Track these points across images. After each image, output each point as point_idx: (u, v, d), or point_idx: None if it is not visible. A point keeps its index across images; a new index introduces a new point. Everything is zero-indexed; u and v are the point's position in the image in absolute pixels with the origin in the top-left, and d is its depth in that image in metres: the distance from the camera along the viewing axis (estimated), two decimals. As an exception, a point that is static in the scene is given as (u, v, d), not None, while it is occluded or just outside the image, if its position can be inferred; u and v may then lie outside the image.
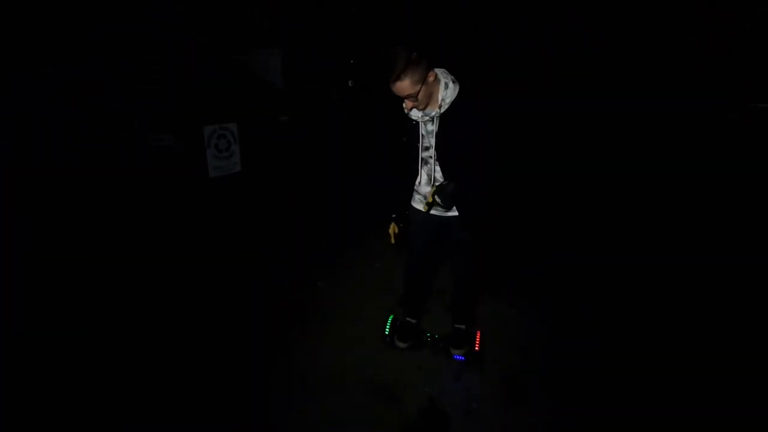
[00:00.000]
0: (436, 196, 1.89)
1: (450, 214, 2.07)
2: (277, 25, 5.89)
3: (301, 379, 2.28)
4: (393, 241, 2.23)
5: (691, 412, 2.07)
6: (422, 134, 1.93)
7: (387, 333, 2.54)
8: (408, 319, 2.58)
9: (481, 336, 2.46)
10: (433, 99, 1.81)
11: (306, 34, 5.79)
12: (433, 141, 1.90)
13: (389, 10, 6.30)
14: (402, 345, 2.48)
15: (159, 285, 3.19)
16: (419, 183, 2.09)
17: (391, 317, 2.61)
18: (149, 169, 4.73)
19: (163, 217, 4.38)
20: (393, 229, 2.22)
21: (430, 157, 1.95)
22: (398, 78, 1.65)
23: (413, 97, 1.70)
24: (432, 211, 2.09)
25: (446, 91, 1.80)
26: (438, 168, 1.97)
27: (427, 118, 1.86)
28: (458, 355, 2.39)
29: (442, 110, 1.81)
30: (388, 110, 2.03)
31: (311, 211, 4.84)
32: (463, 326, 2.50)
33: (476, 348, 2.42)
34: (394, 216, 2.22)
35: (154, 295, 3.05)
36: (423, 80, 1.68)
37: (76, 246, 3.60)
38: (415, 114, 1.87)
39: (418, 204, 2.19)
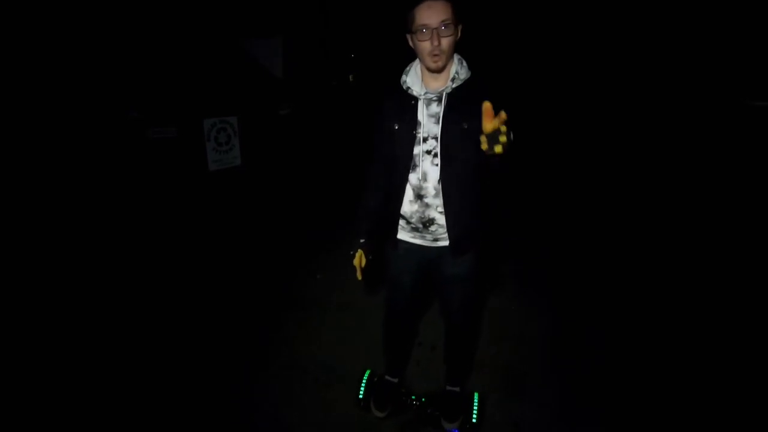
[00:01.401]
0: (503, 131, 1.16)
1: (441, 243, 1.59)
2: (278, 19, 5.86)
3: (302, 372, 2.26)
4: (359, 276, 1.68)
5: (690, 407, 2.07)
6: (421, 121, 1.48)
7: (361, 396, 1.98)
8: (387, 377, 2.05)
9: (480, 401, 1.96)
10: (444, 73, 1.45)
11: (307, 29, 5.75)
12: (437, 128, 1.46)
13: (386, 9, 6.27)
14: (379, 414, 1.93)
15: (157, 279, 3.14)
16: (404, 198, 1.58)
17: (367, 373, 2.07)
18: (149, 161, 4.71)
19: (162, 210, 4.37)
20: (359, 260, 1.67)
21: (429, 152, 1.48)
22: None
23: (448, 24, 1.33)
24: (418, 241, 1.62)
25: (461, 66, 1.47)
26: (437, 166, 1.49)
27: (432, 95, 1.47)
28: (451, 429, 1.89)
29: (455, 85, 1.45)
30: (377, 95, 1.61)
31: (311, 204, 4.82)
32: (457, 388, 1.98)
33: (473, 419, 1.89)
34: (362, 242, 1.68)
35: (152, 290, 3.00)
36: (459, 22, 1.38)
37: (78, 238, 3.60)
38: (417, 89, 1.48)
39: (402, 232, 1.66)
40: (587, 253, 3.64)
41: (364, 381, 2.04)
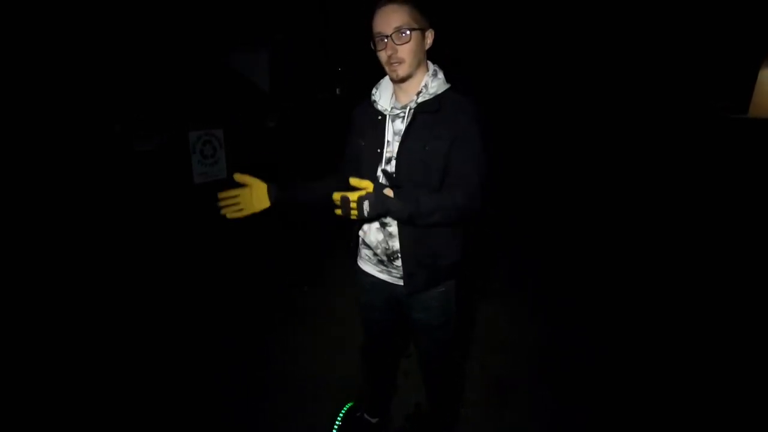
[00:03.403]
0: (366, 202, 1.12)
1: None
2: (265, 31, 5.86)
3: (288, 385, 2.24)
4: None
5: (681, 415, 2.08)
6: (387, 139, 1.35)
7: (335, 429, 1.85)
8: (366, 416, 1.90)
9: None
10: (412, 85, 1.31)
11: (293, 42, 5.76)
12: (396, 148, 1.32)
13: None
14: None
15: (142, 292, 3.11)
16: (368, 225, 1.43)
17: (347, 407, 1.92)
18: (133, 174, 4.66)
19: (145, 223, 4.31)
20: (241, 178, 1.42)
21: (391, 173, 1.33)
22: None
23: (405, 31, 1.21)
24: (385, 277, 1.46)
25: (433, 79, 1.31)
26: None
27: (398, 110, 1.34)
28: None
29: (420, 99, 1.29)
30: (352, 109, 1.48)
31: (297, 216, 4.81)
32: None
33: None
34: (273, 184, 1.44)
35: (137, 302, 2.98)
36: (424, 26, 1.26)
37: (64, 252, 3.53)
38: (385, 104, 1.36)
39: (367, 263, 1.51)
40: (575, 259, 3.68)
41: (341, 414, 1.88)
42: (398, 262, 1.39)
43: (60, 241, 3.68)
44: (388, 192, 1.17)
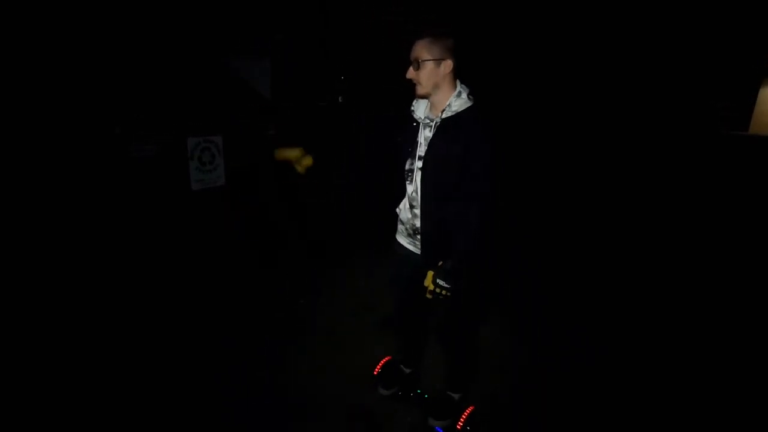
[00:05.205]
0: (439, 280, 1.57)
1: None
2: (265, 33, 5.85)
3: (280, 402, 2.18)
4: None
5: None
6: (419, 141, 1.72)
7: (377, 374, 2.27)
8: (402, 366, 2.30)
9: (471, 414, 2.06)
10: (439, 101, 1.65)
11: (294, 42, 5.76)
12: (425, 149, 1.68)
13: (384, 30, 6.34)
14: (384, 392, 2.22)
15: (143, 296, 3.05)
16: (403, 205, 1.83)
17: (387, 360, 2.31)
18: (130, 178, 4.60)
19: (143, 227, 4.26)
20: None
21: (420, 168, 1.69)
22: (419, 35, 1.59)
23: (418, 60, 1.58)
24: (412, 248, 1.82)
25: (457, 99, 1.63)
26: (419, 185, 1.69)
27: (428, 121, 1.69)
28: (438, 427, 2.05)
29: (444, 116, 1.63)
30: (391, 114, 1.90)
31: (295, 227, 4.78)
32: (456, 396, 2.13)
33: (459, 426, 2.02)
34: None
35: (137, 306, 2.92)
36: (437, 57, 1.57)
37: (59, 257, 3.47)
38: (419, 112, 1.73)
39: (401, 236, 1.90)
40: (568, 277, 3.63)
41: (383, 365, 2.29)
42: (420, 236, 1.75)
43: (59, 246, 3.61)
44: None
